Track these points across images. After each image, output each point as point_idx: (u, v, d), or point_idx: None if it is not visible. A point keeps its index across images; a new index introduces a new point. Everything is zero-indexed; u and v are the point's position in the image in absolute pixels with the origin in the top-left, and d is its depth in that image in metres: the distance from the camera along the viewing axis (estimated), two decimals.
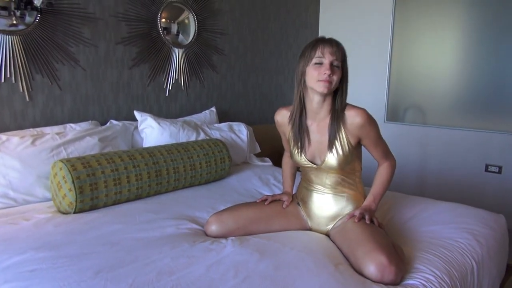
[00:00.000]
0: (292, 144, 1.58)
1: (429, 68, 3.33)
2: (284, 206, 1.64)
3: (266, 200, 1.66)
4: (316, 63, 1.42)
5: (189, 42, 2.79)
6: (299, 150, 1.55)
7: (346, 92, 1.49)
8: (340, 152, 1.47)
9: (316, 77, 1.41)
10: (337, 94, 1.48)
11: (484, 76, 3.07)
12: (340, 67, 1.43)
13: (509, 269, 1.89)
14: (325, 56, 1.40)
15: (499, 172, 3.06)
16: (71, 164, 1.71)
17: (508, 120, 3.00)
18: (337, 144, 1.47)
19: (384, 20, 3.51)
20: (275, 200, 1.67)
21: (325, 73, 1.39)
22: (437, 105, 3.33)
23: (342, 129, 1.47)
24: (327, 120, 1.50)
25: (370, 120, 1.46)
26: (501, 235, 1.73)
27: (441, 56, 3.27)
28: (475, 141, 3.15)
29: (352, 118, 1.45)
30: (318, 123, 1.52)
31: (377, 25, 3.56)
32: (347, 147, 1.47)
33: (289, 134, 1.59)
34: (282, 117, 1.62)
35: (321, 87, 1.41)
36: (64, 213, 1.71)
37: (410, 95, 3.49)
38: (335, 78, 1.41)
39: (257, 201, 1.67)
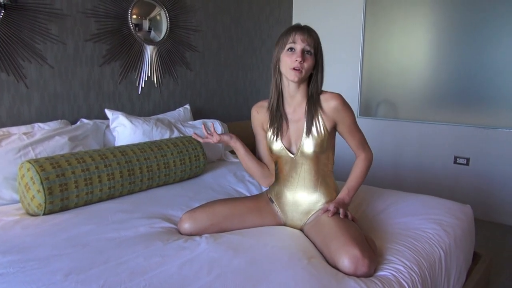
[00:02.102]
0: (269, 132, 1.58)
1: (400, 63, 3.41)
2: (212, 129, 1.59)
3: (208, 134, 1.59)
4: (289, 49, 1.45)
5: (162, 39, 2.76)
6: (275, 135, 1.56)
7: (322, 78, 1.52)
8: (316, 136, 1.49)
9: (288, 64, 1.44)
10: (311, 80, 1.51)
11: (452, 71, 3.16)
12: (313, 53, 1.45)
13: (476, 257, 1.96)
14: (296, 42, 1.43)
15: (467, 164, 3.17)
16: (39, 164, 1.66)
17: (475, 114, 3.11)
18: (313, 128, 1.50)
19: (356, 15, 3.56)
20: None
21: (296, 60, 1.42)
22: (408, 100, 3.42)
23: (319, 113, 1.50)
24: (303, 105, 1.52)
25: (345, 104, 1.50)
26: (468, 224, 1.79)
27: (411, 51, 3.35)
28: (444, 134, 3.25)
29: (327, 101, 1.49)
30: (294, 108, 1.54)
31: (349, 21, 3.61)
32: (322, 132, 1.49)
33: (267, 123, 1.60)
34: (259, 107, 1.63)
35: (292, 76, 1.45)
36: (33, 215, 1.66)
37: (382, 90, 3.56)
38: (306, 65, 1.44)
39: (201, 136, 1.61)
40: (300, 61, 1.42)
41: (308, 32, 1.45)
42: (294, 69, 1.43)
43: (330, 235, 1.37)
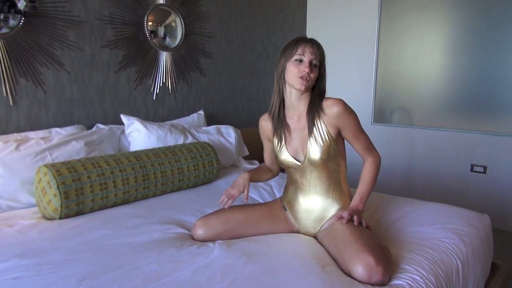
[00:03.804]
0: (275, 142, 1.60)
1: (415, 70, 3.37)
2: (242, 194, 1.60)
3: (230, 198, 1.59)
4: (296, 60, 1.48)
5: (177, 45, 2.78)
6: (281, 145, 1.57)
7: (324, 87, 1.56)
8: (321, 142, 1.50)
9: (296, 74, 1.47)
10: (313, 91, 1.54)
11: (468, 78, 3.12)
12: (318, 66, 1.50)
13: (494, 267, 1.92)
14: (305, 55, 1.47)
15: (484, 172, 3.11)
16: (56, 169, 1.68)
17: (492, 121, 3.05)
18: (317, 134, 1.50)
19: (370, 22, 3.54)
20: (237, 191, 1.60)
21: (304, 70, 1.46)
22: (423, 107, 3.37)
23: (321, 120, 1.50)
24: (305, 113, 1.54)
25: (347, 109, 1.50)
26: (486, 234, 1.75)
27: (426, 58, 3.31)
28: (460, 142, 3.20)
29: (329, 107, 1.50)
30: (298, 117, 1.56)
31: (363, 27, 3.59)
32: (327, 138, 1.50)
33: (272, 133, 1.62)
34: (264, 120, 1.68)
35: (299, 84, 1.47)
36: (49, 219, 1.68)
37: (396, 97, 3.52)
38: (312, 76, 1.48)
39: (219, 202, 1.61)
40: (308, 72, 1.46)
41: (316, 45, 1.50)
42: (301, 77, 1.46)
43: (344, 242, 1.35)
